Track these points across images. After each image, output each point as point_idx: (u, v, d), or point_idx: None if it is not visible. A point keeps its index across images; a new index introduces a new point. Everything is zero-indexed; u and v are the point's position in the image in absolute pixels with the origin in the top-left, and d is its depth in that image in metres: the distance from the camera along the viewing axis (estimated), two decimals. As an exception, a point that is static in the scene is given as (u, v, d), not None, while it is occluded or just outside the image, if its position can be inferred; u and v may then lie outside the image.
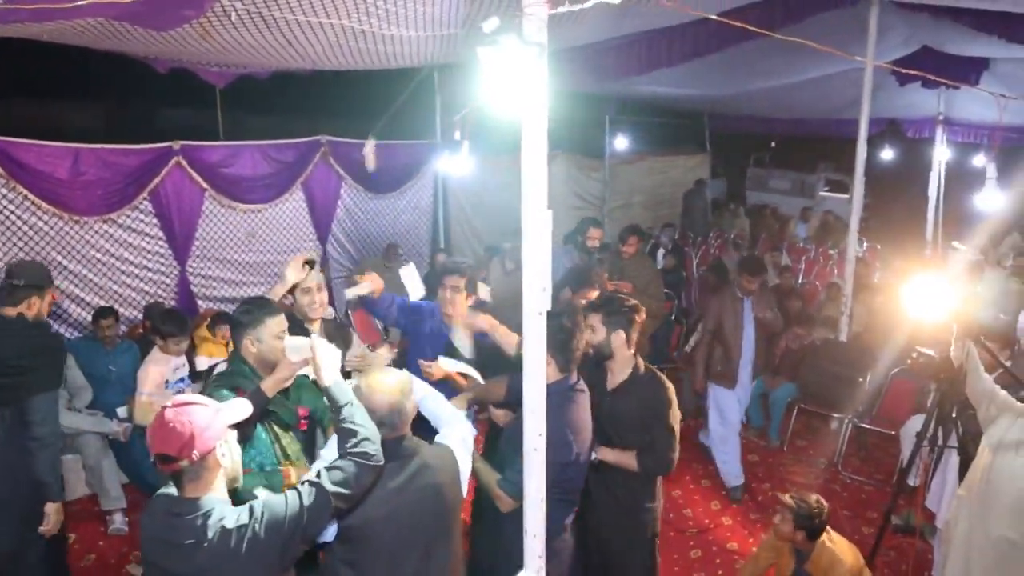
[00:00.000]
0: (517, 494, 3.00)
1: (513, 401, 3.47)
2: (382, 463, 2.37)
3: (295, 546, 2.21)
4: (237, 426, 2.64)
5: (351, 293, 4.19)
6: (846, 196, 16.04)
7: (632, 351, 3.64)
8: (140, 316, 6.58)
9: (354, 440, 2.34)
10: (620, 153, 12.89)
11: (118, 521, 5.16)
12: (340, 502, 2.27)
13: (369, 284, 4.13)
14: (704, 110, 14.12)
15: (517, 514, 2.90)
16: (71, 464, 5.37)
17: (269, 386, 2.87)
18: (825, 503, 3.82)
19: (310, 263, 3.78)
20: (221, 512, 2.13)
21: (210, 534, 2.08)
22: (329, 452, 2.63)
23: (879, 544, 4.50)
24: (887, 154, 13.11)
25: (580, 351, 3.16)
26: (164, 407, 2.20)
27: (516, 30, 2.38)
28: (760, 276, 5.77)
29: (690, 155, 14.57)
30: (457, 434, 2.75)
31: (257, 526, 2.12)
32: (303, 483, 2.27)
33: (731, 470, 5.73)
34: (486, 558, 3.21)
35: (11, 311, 3.58)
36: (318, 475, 2.28)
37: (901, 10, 6.51)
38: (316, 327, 3.83)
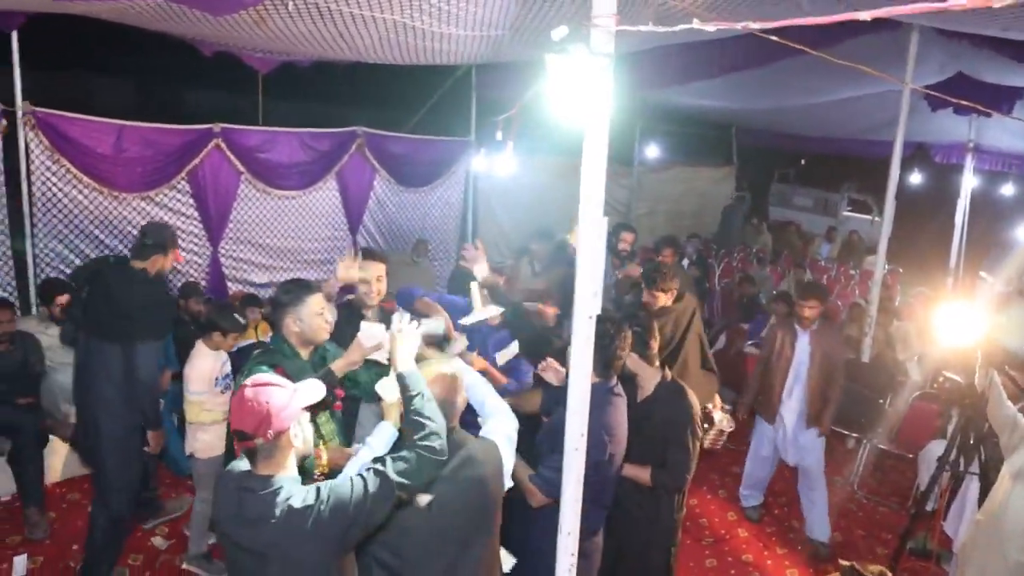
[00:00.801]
0: (549, 490, 3.07)
1: (546, 412, 3.54)
2: (445, 457, 2.42)
3: (356, 530, 2.27)
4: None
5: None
6: (869, 217, 16.05)
7: (655, 364, 3.70)
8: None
9: (422, 432, 2.38)
10: (648, 161, 12.98)
11: (145, 495, 5.24)
12: (403, 492, 2.31)
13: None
14: (732, 123, 14.15)
15: (546, 512, 2.96)
16: (100, 435, 5.47)
17: (339, 367, 2.95)
18: (889, 574, 3.57)
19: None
20: (290, 491, 2.18)
21: (277, 511, 2.14)
22: (376, 440, 2.70)
23: (895, 567, 4.54)
24: (914, 178, 13.12)
25: (622, 359, 3.22)
26: (244, 385, 2.28)
27: (584, 40, 2.43)
28: (821, 303, 5.18)
29: (716, 167, 14.62)
30: (503, 430, 2.81)
31: (323, 508, 2.16)
32: (368, 470, 2.32)
33: (747, 492, 5.69)
34: (515, 552, 3.26)
35: (139, 264, 4.07)
36: (383, 464, 2.32)
37: (940, 37, 6.53)
38: (372, 314, 3.93)
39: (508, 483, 2.79)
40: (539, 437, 3.29)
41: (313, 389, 2.41)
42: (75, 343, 4.40)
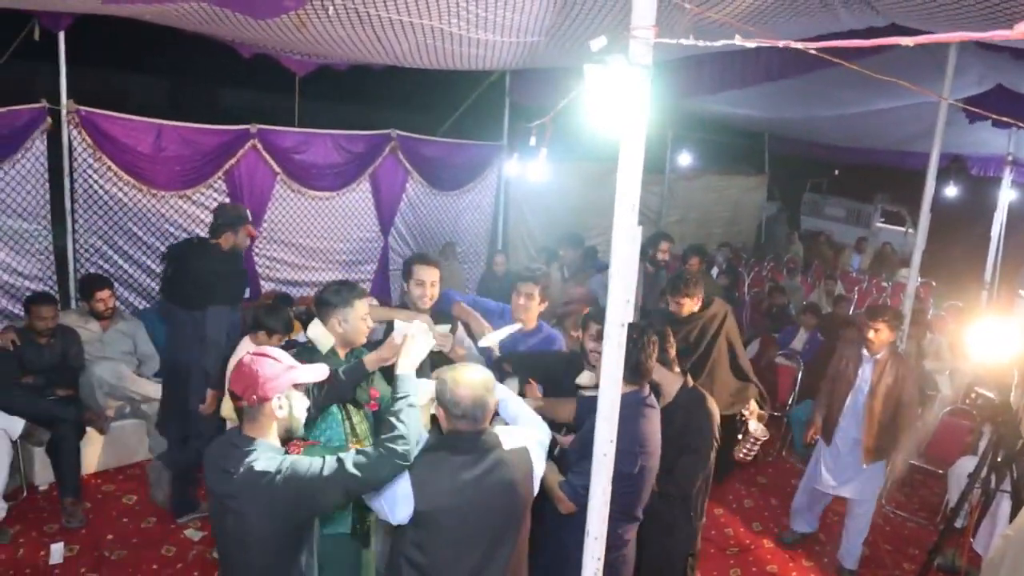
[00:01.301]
0: (576, 498, 3.09)
1: (580, 423, 3.55)
2: (408, 463, 2.46)
3: (305, 505, 2.40)
4: (336, 393, 2.96)
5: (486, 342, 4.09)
6: (902, 228, 15.87)
7: (675, 370, 3.70)
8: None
9: (391, 434, 2.46)
10: (679, 169, 12.94)
11: (178, 486, 5.34)
12: (354, 484, 2.40)
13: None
14: (765, 131, 14.06)
15: (577, 519, 2.97)
16: (135, 429, 5.60)
17: (371, 361, 3.00)
18: None
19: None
20: (259, 455, 2.36)
21: (241, 468, 2.32)
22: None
23: (922, 583, 4.51)
24: (950, 191, 12.95)
25: (650, 365, 3.23)
26: (248, 352, 2.54)
27: (623, 50, 2.45)
28: (890, 329, 4.76)
29: (748, 176, 14.53)
30: (535, 436, 2.84)
31: (278, 477, 2.31)
32: (334, 456, 2.44)
33: (798, 516, 5.44)
34: (547, 559, 3.29)
35: (212, 240, 4.86)
36: (346, 455, 2.44)
37: (980, 49, 6.47)
38: (424, 319, 3.98)
39: (537, 488, 2.81)
40: (570, 445, 3.31)
41: (314, 370, 2.58)
42: (167, 316, 5.14)
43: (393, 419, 2.50)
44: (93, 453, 5.45)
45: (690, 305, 4.87)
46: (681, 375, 3.71)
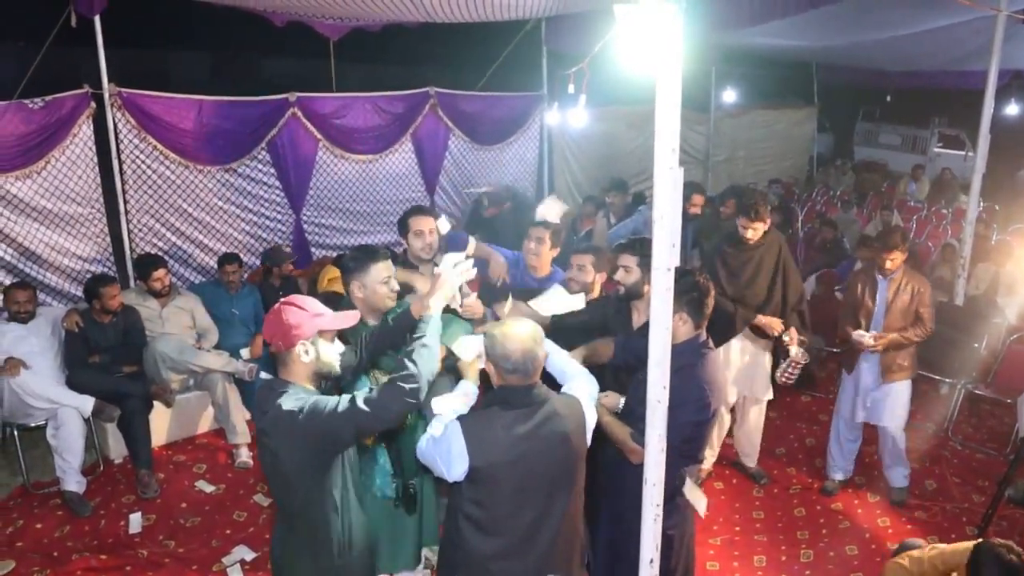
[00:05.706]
0: None
1: (623, 362, 3.50)
2: (415, 401, 2.52)
3: (328, 440, 2.52)
4: (386, 341, 3.08)
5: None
6: (962, 152, 15.30)
7: None
8: (259, 262, 6.88)
9: (402, 372, 2.53)
10: (724, 106, 12.61)
11: (243, 455, 5.48)
12: (364, 419, 2.48)
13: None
14: (812, 60, 13.57)
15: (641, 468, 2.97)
16: (200, 400, 5.75)
17: (416, 310, 2.98)
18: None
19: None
20: (288, 396, 2.50)
21: (272, 409, 2.48)
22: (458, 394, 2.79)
23: (992, 514, 4.42)
24: (1011, 109, 12.38)
25: (711, 308, 3.19)
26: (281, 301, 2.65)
27: (654, -13, 2.37)
28: (903, 252, 4.70)
29: (796, 108, 14.09)
30: (585, 388, 2.84)
31: (301, 415, 2.44)
32: (348, 395, 2.53)
33: (830, 460, 5.26)
34: (609, 508, 3.31)
35: None
36: (360, 392, 2.55)
37: (1040, -46, 6.13)
38: (427, 269, 3.98)
39: (590, 440, 2.81)
40: (634, 397, 3.28)
41: (342, 318, 2.67)
42: None
43: (405, 359, 2.57)
44: (162, 426, 5.62)
45: (762, 230, 4.70)
46: None
